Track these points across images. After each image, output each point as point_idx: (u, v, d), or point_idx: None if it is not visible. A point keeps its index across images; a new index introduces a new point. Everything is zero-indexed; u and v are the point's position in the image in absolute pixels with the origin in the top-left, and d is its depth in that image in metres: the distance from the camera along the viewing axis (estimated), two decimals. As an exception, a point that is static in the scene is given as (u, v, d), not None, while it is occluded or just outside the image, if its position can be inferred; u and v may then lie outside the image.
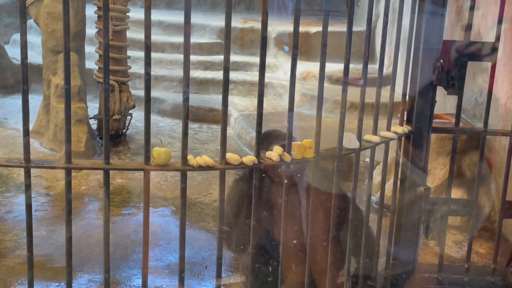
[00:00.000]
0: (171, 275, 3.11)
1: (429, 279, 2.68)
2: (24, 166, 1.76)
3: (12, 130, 5.72)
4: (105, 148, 1.80)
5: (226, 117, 1.90)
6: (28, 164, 1.76)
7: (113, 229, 3.63)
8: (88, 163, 1.88)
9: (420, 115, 2.51)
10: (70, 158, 1.77)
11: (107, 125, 1.78)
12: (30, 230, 1.79)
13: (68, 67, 1.73)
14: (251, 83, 7.53)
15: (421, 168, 2.54)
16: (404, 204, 2.59)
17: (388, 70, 4.43)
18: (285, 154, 1.98)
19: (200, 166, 1.87)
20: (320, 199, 2.19)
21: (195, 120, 6.65)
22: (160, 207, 4.09)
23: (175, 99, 7.07)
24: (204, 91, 7.67)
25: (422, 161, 2.55)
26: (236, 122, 6.34)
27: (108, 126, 1.78)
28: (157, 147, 1.85)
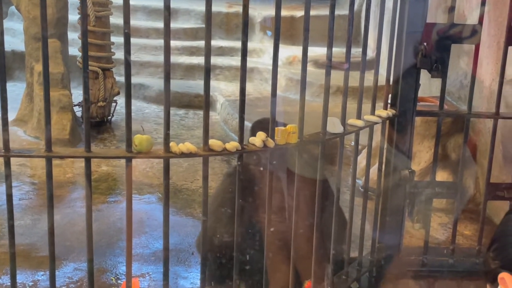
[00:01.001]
0: (157, 262, 3.10)
1: (414, 262, 2.69)
2: (3, 156, 1.73)
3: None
4: (86, 136, 1.77)
5: (208, 103, 1.88)
6: (8, 153, 1.73)
7: (99, 217, 3.62)
8: (69, 151, 1.86)
9: (404, 99, 2.51)
10: (50, 146, 1.75)
11: (87, 112, 1.75)
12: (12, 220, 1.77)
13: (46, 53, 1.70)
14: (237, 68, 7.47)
15: (405, 152, 2.55)
16: (389, 187, 2.60)
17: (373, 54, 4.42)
18: (269, 140, 1.97)
19: (183, 153, 1.86)
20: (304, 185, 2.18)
21: (181, 106, 6.60)
22: (146, 194, 4.07)
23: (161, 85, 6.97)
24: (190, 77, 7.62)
25: (407, 145, 2.56)
26: (222, 108, 6.31)
27: (88, 113, 1.76)
28: (139, 135, 1.83)
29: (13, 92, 6.17)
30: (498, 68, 3.43)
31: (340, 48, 2.82)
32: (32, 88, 5.33)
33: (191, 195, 4.12)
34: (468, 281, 2.65)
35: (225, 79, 7.50)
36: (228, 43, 8.18)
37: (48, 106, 1.72)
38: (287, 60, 7.43)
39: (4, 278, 2.89)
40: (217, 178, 4.40)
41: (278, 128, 2.00)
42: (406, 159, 2.55)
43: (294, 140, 2.02)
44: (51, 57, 5.18)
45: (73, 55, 6.27)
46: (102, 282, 2.89)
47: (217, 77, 7.46)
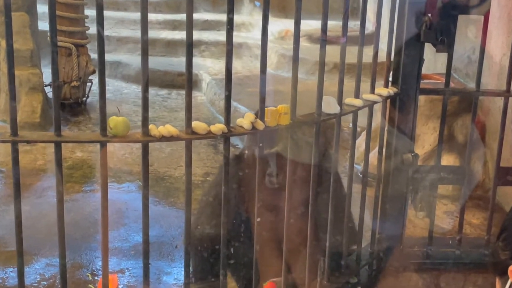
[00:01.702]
0: (138, 257, 3.09)
1: (418, 253, 2.69)
2: (-37, 140, 1.70)
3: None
4: (55, 118, 1.74)
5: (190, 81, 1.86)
6: (-32, 138, 1.70)
7: (73, 208, 3.60)
8: (36, 135, 1.83)
9: (407, 75, 2.50)
10: (16, 129, 1.71)
11: (56, 91, 1.72)
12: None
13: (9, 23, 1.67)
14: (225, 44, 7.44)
15: (408, 133, 2.54)
16: (390, 173, 2.59)
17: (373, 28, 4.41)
18: (258, 121, 1.95)
19: (163, 136, 1.83)
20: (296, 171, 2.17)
21: (163, 86, 6.58)
22: (125, 182, 4.06)
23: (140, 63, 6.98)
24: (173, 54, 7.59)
25: (410, 126, 2.55)
26: (208, 87, 6.29)
27: (57, 91, 1.73)
28: (114, 116, 1.80)
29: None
30: (509, 42, 3.42)
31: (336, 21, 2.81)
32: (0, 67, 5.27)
33: (174, 183, 4.10)
34: (476, 274, 2.65)
35: (211, 55, 7.47)
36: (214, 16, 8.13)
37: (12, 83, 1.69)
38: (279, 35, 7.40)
39: (-30, 275, 2.88)
40: (203, 164, 4.40)
41: (268, 108, 1.98)
42: (408, 141, 2.54)
43: (286, 121, 2.00)
44: (19, 32, 5.12)
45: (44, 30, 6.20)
46: (77, 279, 2.88)
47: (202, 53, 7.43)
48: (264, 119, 1.97)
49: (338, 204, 2.32)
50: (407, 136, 2.54)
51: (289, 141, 2.08)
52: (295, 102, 2.05)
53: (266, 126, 1.97)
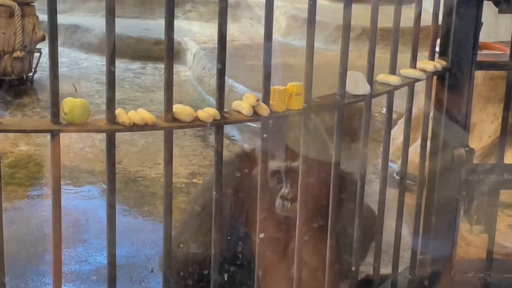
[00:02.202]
0: (101, 283, 3.10)
1: (473, 280, 2.71)
2: None
3: None
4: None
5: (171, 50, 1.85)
6: None
7: (16, 218, 3.62)
8: (-35, 122, 1.83)
9: (460, 45, 2.49)
10: None
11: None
12: None
13: None
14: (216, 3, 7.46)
15: (461, 121, 2.54)
16: (436, 173, 2.59)
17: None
18: (261, 105, 1.94)
19: (135, 124, 1.83)
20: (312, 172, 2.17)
21: (135, 57, 6.61)
22: (85, 185, 4.07)
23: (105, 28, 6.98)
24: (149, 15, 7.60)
25: (463, 111, 2.55)
26: (195, 60, 6.30)
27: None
28: (70, 98, 1.80)
29: None
30: None
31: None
32: None
33: (150, 187, 4.11)
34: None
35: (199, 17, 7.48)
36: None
37: None
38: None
39: None
40: (188, 161, 4.41)
41: (275, 87, 1.98)
42: (461, 132, 2.54)
43: (298, 105, 2.00)
44: None
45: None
46: (21, 313, 2.89)
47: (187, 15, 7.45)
48: (269, 101, 1.97)
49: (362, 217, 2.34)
50: (459, 125, 2.54)
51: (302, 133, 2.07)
52: (311, 79, 2.04)
53: (271, 112, 1.96)
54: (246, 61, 5.70)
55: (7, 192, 3.76)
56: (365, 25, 6.07)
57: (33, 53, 5.67)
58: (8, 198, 3.73)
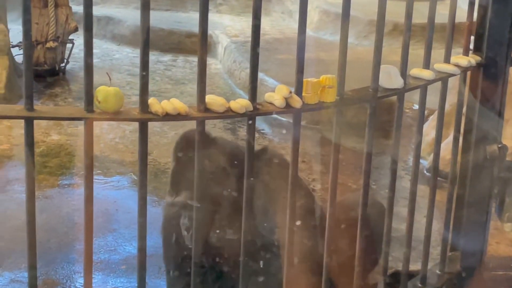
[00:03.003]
0: (130, 273, 3.11)
1: (504, 278, 2.69)
2: None
3: None
4: (26, 87, 1.75)
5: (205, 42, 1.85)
6: None
7: (47, 207, 3.64)
8: (1, 108, 1.84)
9: (495, 40, 2.48)
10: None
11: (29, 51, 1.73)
12: None
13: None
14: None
15: (494, 118, 2.52)
16: (468, 170, 2.57)
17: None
18: (293, 97, 1.94)
19: (168, 114, 1.83)
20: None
21: (167, 50, 6.61)
22: (115, 176, 4.09)
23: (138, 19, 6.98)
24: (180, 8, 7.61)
25: (497, 107, 2.53)
26: (226, 53, 6.30)
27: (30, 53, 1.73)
28: (104, 86, 1.81)
29: None
30: None
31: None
32: (-48, 21, 5.33)
33: (180, 178, 4.12)
34: None
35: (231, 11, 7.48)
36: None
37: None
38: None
39: None
40: (218, 153, 4.40)
41: (307, 80, 1.97)
42: (494, 128, 2.52)
43: (331, 97, 1.99)
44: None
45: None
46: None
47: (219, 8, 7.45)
48: (301, 94, 1.96)
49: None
50: (492, 121, 2.52)
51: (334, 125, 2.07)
52: (344, 72, 2.04)
53: (304, 104, 1.96)
54: (276, 55, 5.69)
55: (38, 180, 3.79)
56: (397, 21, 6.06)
57: (65, 43, 5.70)
58: (40, 187, 3.76)
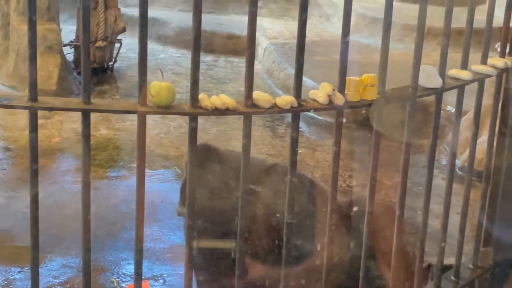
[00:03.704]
0: (175, 260, 3.12)
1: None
2: (-29, 105, 1.74)
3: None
4: (84, 81, 1.76)
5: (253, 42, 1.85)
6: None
7: (96, 197, 3.66)
8: (60, 101, 1.85)
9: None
10: (35, 94, 1.75)
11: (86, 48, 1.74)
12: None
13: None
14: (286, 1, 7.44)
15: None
16: (502, 169, 2.55)
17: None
18: (337, 94, 1.93)
19: (217, 108, 1.83)
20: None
21: (209, 50, 6.62)
22: (160, 169, 4.11)
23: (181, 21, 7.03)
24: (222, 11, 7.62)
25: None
26: (265, 54, 6.29)
27: (87, 51, 1.75)
28: (157, 81, 1.81)
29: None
30: None
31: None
32: (8, 20, 5.39)
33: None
34: None
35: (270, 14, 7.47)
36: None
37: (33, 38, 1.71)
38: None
39: (-31, 274, 2.97)
40: (257, 150, 4.41)
41: (350, 78, 1.96)
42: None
43: (372, 95, 1.98)
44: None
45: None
46: (99, 285, 2.93)
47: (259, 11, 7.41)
48: (344, 91, 1.96)
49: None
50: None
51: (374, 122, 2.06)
52: (385, 71, 2.03)
53: (346, 101, 1.95)
54: (314, 57, 5.67)
55: (87, 172, 3.82)
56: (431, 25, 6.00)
57: (114, 43, 5.73)
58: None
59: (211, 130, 4.67)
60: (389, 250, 2.22)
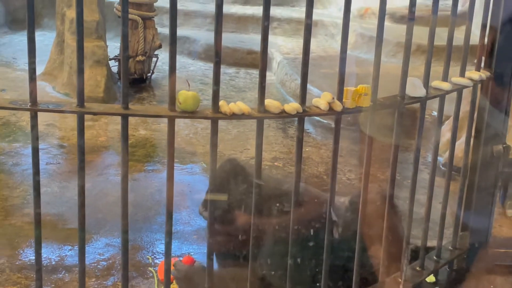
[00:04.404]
0: (200, 241, 3.13)
1: (505, 255, 2.63)
2: (29, 109, 1.75)
3: (22, 71, 5.81)
4: (123, 90, 1.78)
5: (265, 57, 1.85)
6: (35, 107, 1.76)
7: (135, 187, 3.68)
8: (103, 107, 1.87)
9: (502, 58, 2.42)
10: (82, 100, 1.76)
11: (125, 62, 1.76)
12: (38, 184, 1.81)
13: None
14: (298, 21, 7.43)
15: (500, 123, 2.47)
16: (477, 165, 2.53)
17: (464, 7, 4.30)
18: (336, 102, 1.93)
19: (234, 114, 1.84)
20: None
21: (231, 64, 6.62)
22: (189, 164, 4.11)
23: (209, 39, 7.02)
24: (243, 30, 7.62)
25: (502, 114, 2.47)
26: (279, 67, 6.29)
27: (126, 64, 1.76)
28: (184, 90, 1.82)
29: (42, 42, 6.31)
30: None
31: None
32: (63, 38, 5.42)
33: (241, 167, 4.12)
34: None
35: (283, 33, 7.46)
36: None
37: (81, 54, 1.73)
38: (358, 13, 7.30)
39: (28, 251, 2.98)
40: (270, 148, 4.41)
41: (347, 88, 1.96)
42: (500, 131, 2.47)
43: (366, 103, 1.98)
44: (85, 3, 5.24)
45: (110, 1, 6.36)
46: (136, 261, 2.95)
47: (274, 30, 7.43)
48: (342, 100, 1.95)
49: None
50: (499, 126, 2.47)
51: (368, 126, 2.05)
52: (377, 82, 2.02)
53: (344, 108, 1.95)
54: (320, 70, 5.66)
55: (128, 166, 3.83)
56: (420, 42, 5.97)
57: (151, 58, 5.75)
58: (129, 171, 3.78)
59: (232, 131, 4.68)
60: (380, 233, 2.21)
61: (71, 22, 5.24)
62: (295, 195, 1.96)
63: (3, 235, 3.09)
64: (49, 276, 2.79)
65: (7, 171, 3.84)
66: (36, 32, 1.91)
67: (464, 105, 3.11)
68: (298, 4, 7.93)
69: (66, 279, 2.79)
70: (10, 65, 5.97)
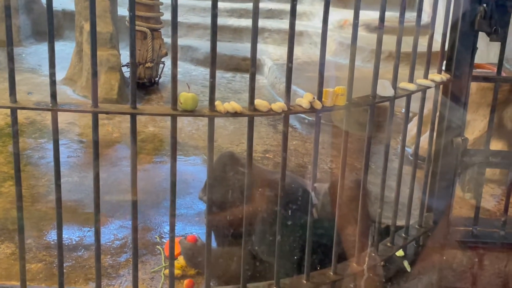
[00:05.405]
0: (201, 223, 3.14)
1: (464, 232, 2.64)
2: (51, 110, 1.76)
3: (46, 77, 5.77)
4: (132, 93, 1.78)
5: (255, 62, 1.86)
6: (55, 107, 1.76)
7: (145, 177, 3.68)
8: (114, 107, 1.88)
9: (460, 63, 2.43)
10: (96, 102, 1.77)
11: (134, 68, 1.76)
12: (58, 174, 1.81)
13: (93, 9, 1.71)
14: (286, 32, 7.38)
15: (459, 119, 2.48)
16: (440, 155, 2.54)
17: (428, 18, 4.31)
18: (316, 101, 1.94)
19: (228, 112, 1.85)
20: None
21: (228, 69, 6.61)
22: (191, 156, 4.11)
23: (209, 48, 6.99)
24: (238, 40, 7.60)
25: (461, 112, 2.48)
26: (270, 72, 6.28)
27: (134, 69, 1.76)
28: (184, 92, 1.83)
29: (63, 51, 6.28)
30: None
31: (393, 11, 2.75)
32: (82, 47, 5.41)
33: (236, 158, 4.12)
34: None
35: (273, 42, 7.45)
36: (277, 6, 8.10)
37: (95, 60, 1.73)
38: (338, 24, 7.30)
39: (52, 232, 2.99)
40: (262, 142, 4.41)
41: (326, 89, 1.97)
42: (459, 126, 2.48)
43: (342, 102, 1.99)
44: (100, 16, 5.24)
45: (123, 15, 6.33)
46: (146, 240, 2.95)
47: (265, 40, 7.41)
48: (322, 99, 1.96)
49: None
50: (457, 121, 2.48)
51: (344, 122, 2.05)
52: (352, 84, 2.03)
53: (323, 106, 1.96)
54: (305, 73, 5.66)
55: (138, 159, 3.79)
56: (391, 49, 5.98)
57: (158, 64, 5.74)
58: (139, 163, 3.80)
59: (229, 128, 4.68)
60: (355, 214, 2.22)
61: (88, 33, 5.22)
62: (282, 181, 1.97)
63: (30, 219, 3.09)
64: (70, 254, 2.79)
65: (33, 164, 3.83)
66: (58, 43, 1.92)
67: (428, 104, 3.13)
68: (286, 17, 7.90)
69: (85, 256, 2.80)
70: (36, 71, 5.94)
